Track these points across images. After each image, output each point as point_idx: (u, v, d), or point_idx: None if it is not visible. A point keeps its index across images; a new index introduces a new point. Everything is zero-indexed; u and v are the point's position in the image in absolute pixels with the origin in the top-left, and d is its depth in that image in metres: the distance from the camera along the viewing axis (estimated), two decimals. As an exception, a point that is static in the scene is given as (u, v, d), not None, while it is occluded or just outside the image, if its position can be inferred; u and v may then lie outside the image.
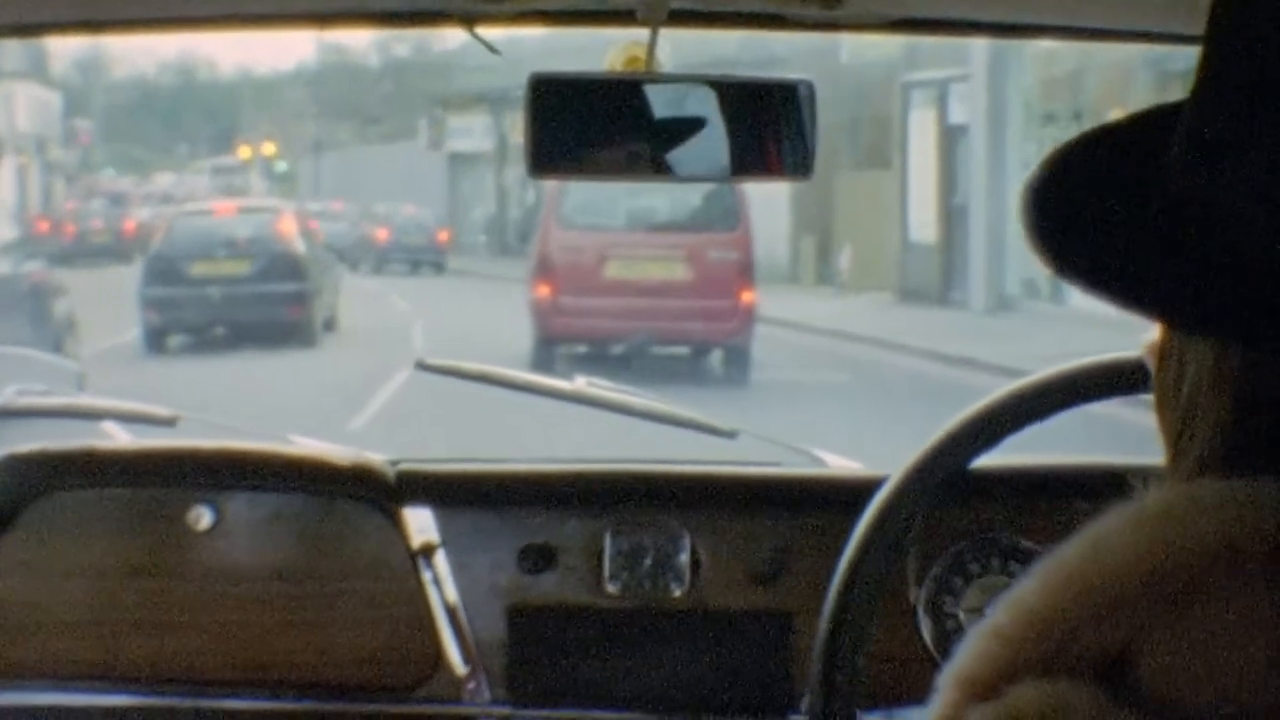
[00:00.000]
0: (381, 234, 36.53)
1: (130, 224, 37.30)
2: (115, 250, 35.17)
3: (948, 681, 0.94)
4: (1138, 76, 21.12)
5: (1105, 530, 0.92)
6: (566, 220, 18.00)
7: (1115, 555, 0.91)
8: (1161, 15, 2.01)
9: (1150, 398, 1.07)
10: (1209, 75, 0.94)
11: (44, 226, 36.79)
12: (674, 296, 17.35)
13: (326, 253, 24.58)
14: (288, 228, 22.16)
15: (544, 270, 17.76)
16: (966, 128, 24.61)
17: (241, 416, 3.05)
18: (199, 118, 65.77)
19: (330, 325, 21.94)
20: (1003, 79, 23.51)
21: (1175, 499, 0.92)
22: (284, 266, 20.89)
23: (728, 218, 17.96)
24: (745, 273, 17.76)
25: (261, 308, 20.33)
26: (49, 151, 48.92)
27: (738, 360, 17.22)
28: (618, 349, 16.91)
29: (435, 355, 3.15)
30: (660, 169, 2.08)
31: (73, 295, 18.22)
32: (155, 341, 19.84)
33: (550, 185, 18.24)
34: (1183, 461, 0.98)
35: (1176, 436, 0.98)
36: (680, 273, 17.63)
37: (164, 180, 57.48)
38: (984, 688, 0.92)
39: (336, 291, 23.01)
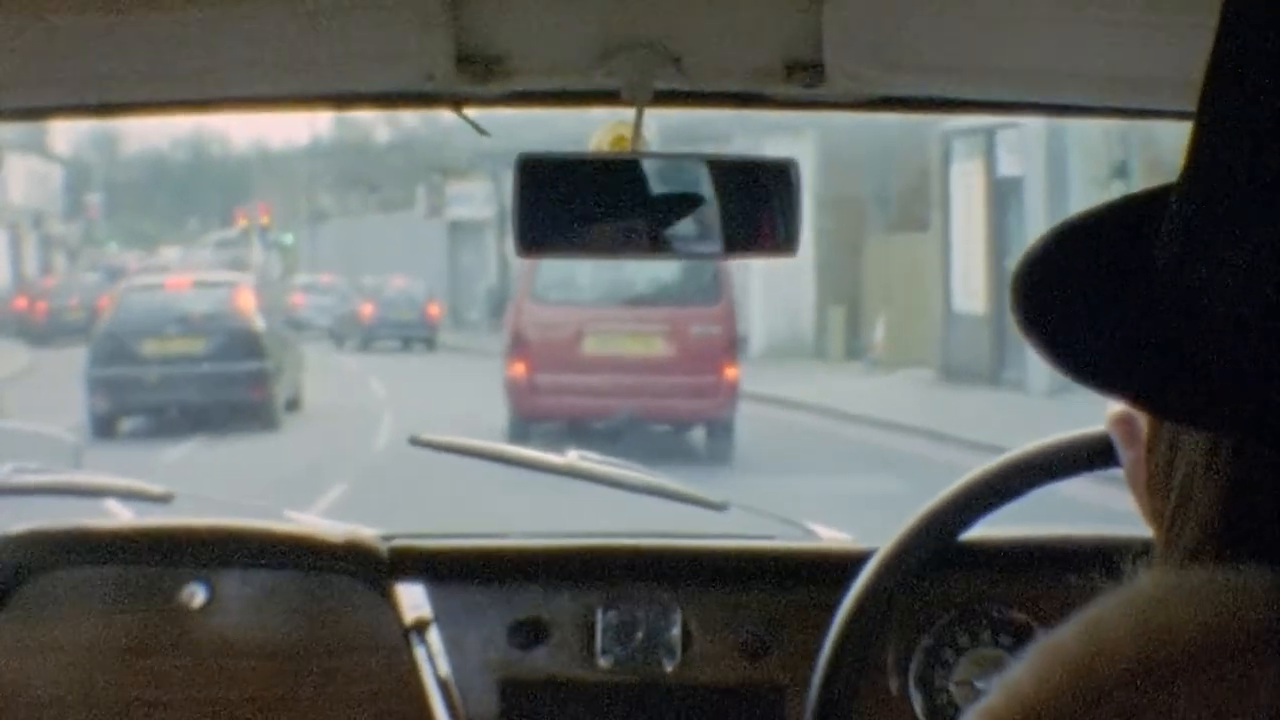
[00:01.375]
0: (367, 309, 34.90)
1: (104, 301, 34.67)
2: (88, 329, 33.13)
3: None
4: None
5: (1099, 615, 0.93)
6: (540, 295, 17.58)
7: (1106, 641, 0.91)
8: (1149, 94, 2.03)
9: (1118, 473, 1.08)
10: (1199, 159, 0.94)
11: (21, 304, 35.50)
12: (655, 373, 16.96)
13: (288, 329, 23.61)
14: (245, 303, 20.89)
15: (518, 347, 17.32)
16: (1019, 181, 22.09)
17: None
18: (210, 192, 65.79)
19: (294, 405, 20.94)
20: (1062, 125, 20.11)
21: (1167, 586, 0.93)
22: (241, 344, 19.87)
23: (709, 291, 17.53)
24: (729, 348, 17.38)
25: (218, 388, 19.33)
26: (48, 225, 48.88)
27: (721, 437, 16.78)
28: (598, 427, 16.38)
29: (401, 440, 3.15)
30: (649, 246, 2.10)
31: (15, 379, 17.54)
32: (102, 427, 18.51)
33: (514, 259, 17.96)
34: (1175, 548, 0.98)
35: (1170, 523, 0.99)
36: (661, 348, 17.26)
37: (170, 254, 57.45)
38: None
39: (299, 369, 22.01)
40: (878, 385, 22.57)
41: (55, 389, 19.28)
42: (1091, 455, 2.02)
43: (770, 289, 27.79)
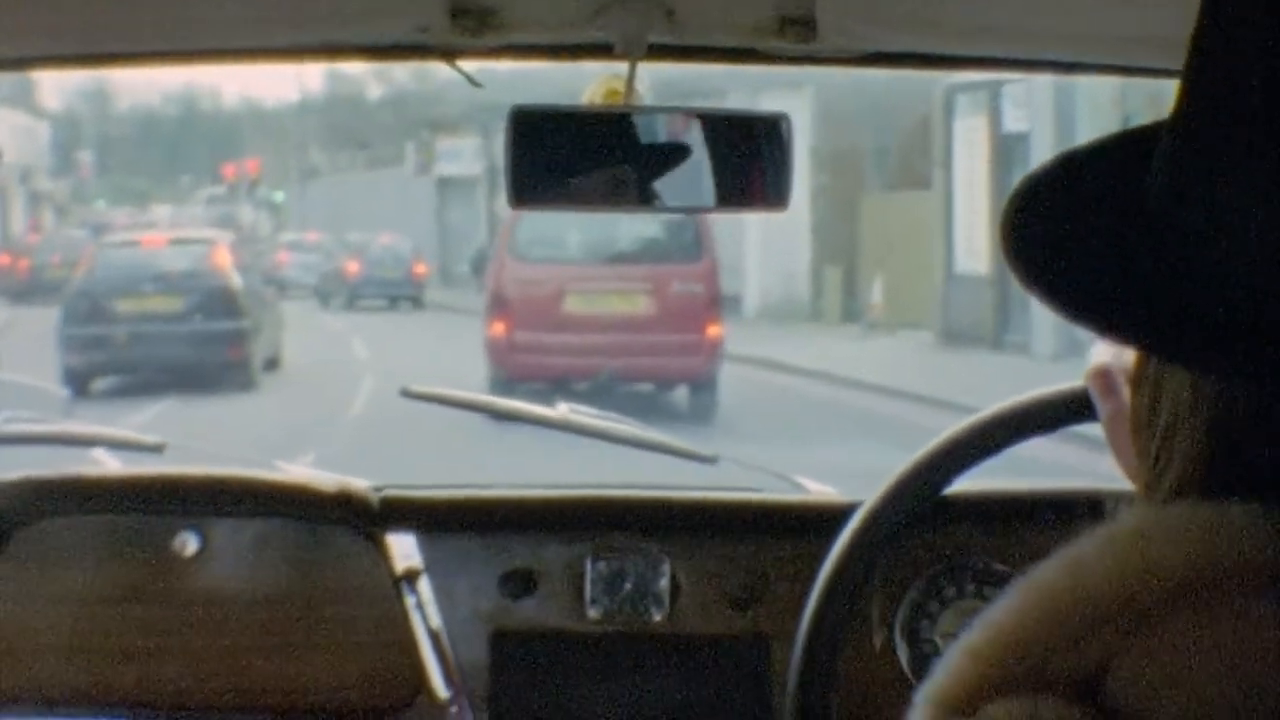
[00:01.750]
0: (352, 267, 34.17)
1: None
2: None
3: (923, 699, 0.96)
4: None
5: (1080, 553, 0.93)
6: (521, 253, 17.21)
7: (1090, 577, 0.92)
8: (1142, 51, 2.05)
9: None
10: (1190, 99, 0.94)
11: (4, 261, 34.89)
12: (637, 331, 16.63)
13: (268, 287, 23.04)
14: (222, 260, 20.36)
15: (498, 306, 16.97)
16: (1026, 136, 21.15)
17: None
18: (201, 148, 65.56)
19: (273, 365, 20.53)
20: (1070, 79, 16.95)
21: (1149, 523, 0.94)
22: (218, 302, 19.34)
23: (691, 248, 17.23)
24: (711, 305, 17.09)
25: (194, 348, 18.93)
26: (36, 181, 48.60)
27: (704, 396, 16.54)
28: (580, 387, 15.91)
29: (380, 404, 3.16)
30: (642, 199, 2.11)
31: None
32: (76, 385, 17.43)
33: (504, 216, 17.71)
34: (1159, 485, 0.99)
35: (1153, 460, 1.00)
36: (643, 306, 16.96)
37: (161, 212, 57.23)
38: (959, 706, 0.93)
39: (279, 328, 21.56)
40: (875, 348, 21.81)
41: (32, 347, 18.83)
42: (1072, 409, 2.03)
43: (765, 248, 27.12)
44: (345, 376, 19.50)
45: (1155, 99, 18.25)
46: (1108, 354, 1.77)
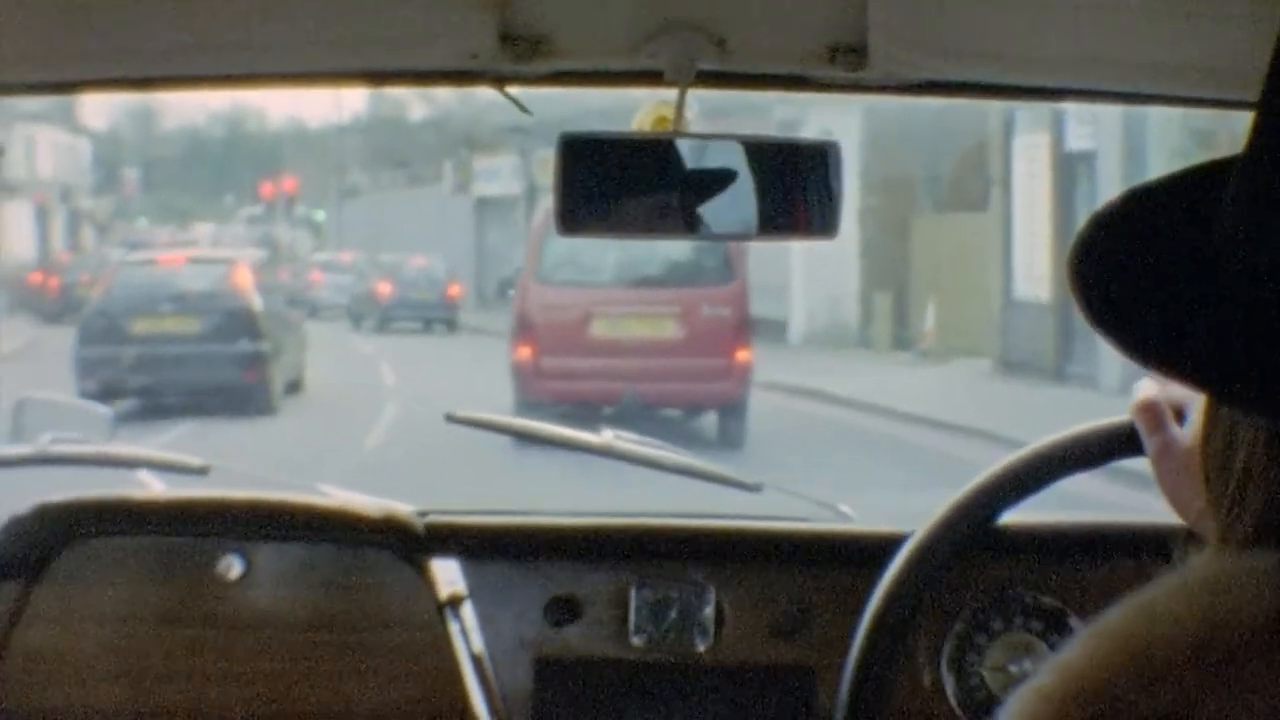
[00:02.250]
0: (384, 288, 33.32)
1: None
2: (96, 306, 32.52)
3: None
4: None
5: (1154, 598, 0.93)
6: (546, 276, 16.97)
7: (1165, 623, 0.91)
8: (1197, 80, 2.03)
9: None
10: (1263, 137, 0.93)
11: (37, 279, 34.55)
12: (664, 356, 16.34)
13: (292, 308, 22.61)
14: (242, 280, 19.85)
15: (524, 330, 16.74)
16: (1092, 155, 20.22)
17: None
18: (246, 168, 65.60)
19: (295, 387, 20.07)
20: None
21: (1227, 571, 0.93)
22: (237, 324, 18.89)
23: (720, 271, 16.89)
24: (741, 329, 16.76)
25: (212, 370, 18.44)
26: (76, 199, 48.75)
27: (733, 422, 16.17)
28: (605, 412, 15.49)
29: (401, 432, 3.15)
30: (689, 226, 2.10)
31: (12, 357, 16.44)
32: None
33: (530, 238, 17.31)
34: (1234, 531, 0.98)
35: (1229, 505, 0.99)
36: (670, 330, 16.69)
37: (203, 230, 57.40)
38: None
39: (302, 350, 21.12)
40: (928, 378, 20.75)
41: (51, 368, 18.36)
42: (1121, 443, 2.02)
43: (811, 272, 26.35)
44: (368, 402, 19.10)
45: (1227, 115, 17.67)
46: (1154, 388, 1.76)
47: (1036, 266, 21.37)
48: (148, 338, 18.55)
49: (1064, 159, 21.13)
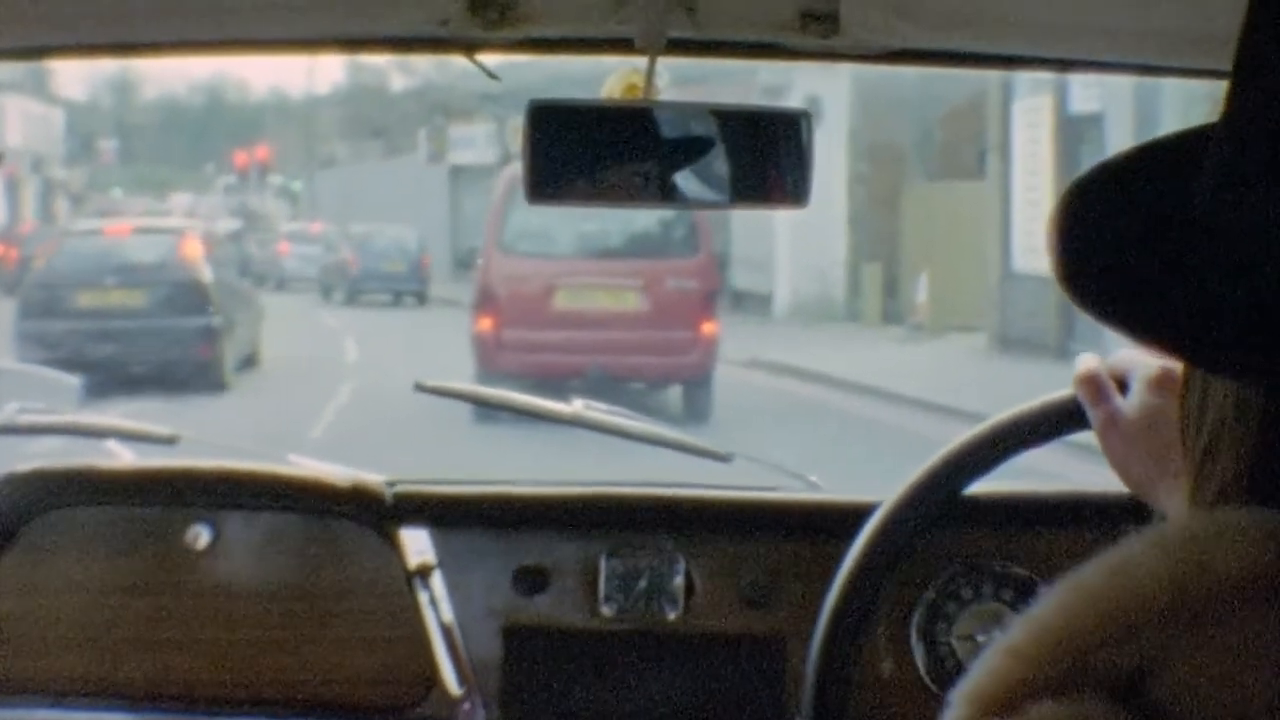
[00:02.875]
0: (352, 260, 32.16)
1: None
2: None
3: (960, 698, 0.95)
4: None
5: (1127, 554, 0.93)
6: (509, 246, 16.49)
7: (1137, 579, 0.91)
8: (1174, 47, 2.03)
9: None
10: (1238, 102, 0.93)
11: (0, 250, 33.28)
12: (629, 328, 15.96)
13: (244, 281, 21.50)
14: (192, 251, 18.81)
15: (485, 301, 16.29)
16: (1099, 117, 18.99)
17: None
18: (226, 138, 65.41)
19: (250, 363, 19.26)
20: None
21: (1199, 526, 0.93)
22: (187, 297, 17.91)
23: (686, 243, 16.51)
24: (707, 302, 16.36)
25: (159, 345, 17.53)
26: (49, 169, 48.43)
27: (698, 395, 15.82)
28: (569, 385, 14.74)
29: (354, 409, 3.12)
30: (660, 195, 2.10)
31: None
32: None
33: (492, 208, 16.93)
34: (1205, 488, 0.99)
35: (1199, 464, 1.00)
36: (635, 302, 16.23)
37: (180, 200, 57.13)
38: (998, 705, 0.92)
39: (258, 324, 20.21)
40: (920, 355, 19.82)
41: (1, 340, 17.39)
42: (1080, 415, 2.02)
43: (797, 243, 25.35)
44: (325, 378, 18.18)
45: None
46: (1094, 360, 1.76)
47: (1037, 238, 18.35)
48: (91, 311, 17.66)
49: (1068, 122, 19.98)
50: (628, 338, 15.92)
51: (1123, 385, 1.72)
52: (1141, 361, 1.69)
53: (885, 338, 21.85)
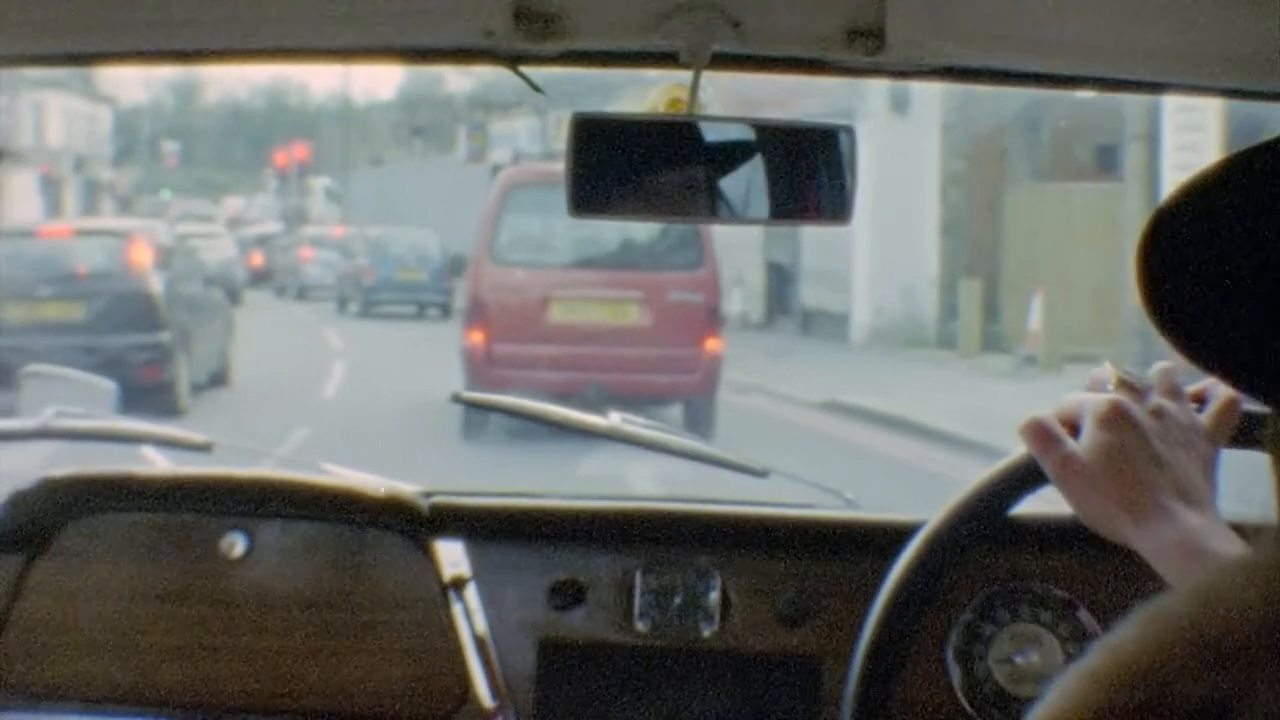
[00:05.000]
0: (366, 268, 29.90)
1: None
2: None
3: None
4: None
5: (1215, 582, 0.91)
6: (501, 256, 15.66)
7: (1225, 607, 0.89)
8: (1219, 71, 2.01)
9: None
10: None
11: None
12: (627, 344, 15.15)
13: (211, 289, 19.29)
14: (139, 258, 16.62)
15: (476, 314, 15.54)
16: None
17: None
18: (285, 142, 65.64)
19: (218, 381, 17.63)
20: None
21: None
22: (132, 311, 15.84)
23: (690, 254, 15.62)
24: (710, 317, 15.53)
25: (99, 367, 13.91)
26: (93, 169, 48.26)
27: (700, 416, 14.93)
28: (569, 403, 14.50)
29: (320, 439, 3.07)
30: (702, 210, 2.10)
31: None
32: None
33: (484, 214, 16.10)
34: None
35: None
36: (635, 317, 15.45)
37: (233, 204, 57.25)
38: None
39: (227, 338, 18.50)
40: (1039, 395, 13.50)
41: None
42: None
43: (880, 255, 22.69)
44: (295, 411, 16.14)
45: None
46: (1039, 413, 1.71)
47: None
48: (23, 327, 15.49)
49: (1242, 106, 18.32)
50: (627, 354, 15.18)
51: (1074, 428, 1.69)
52: (1091, 400, 1.66)
53: (989, 371, 18.77)
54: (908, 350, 21.27)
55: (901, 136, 21.37)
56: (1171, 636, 0.89)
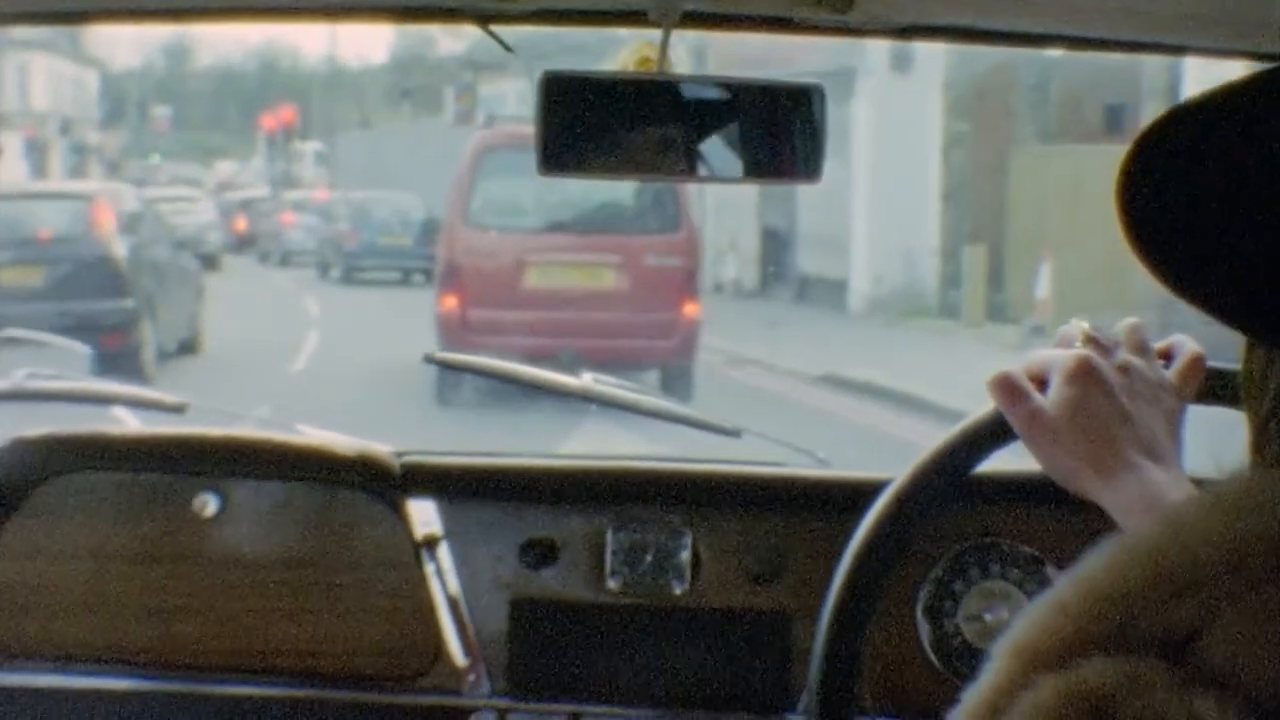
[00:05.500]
0: (348, 233, 28.87)
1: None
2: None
3: (1004, 651, 0.93)
4: None
5: (1182, 512, 0.92)
6: (475, 219, 15.26)
7: (1193, 538, 0.90)
8: (1183, 29, 2.02)
9: None
10: None
11: None
12: (604, 309, 14.83)
13: (180, 253, 18.51)
14: (103, 222, 15.95)
15: (450, 279, 15.14)
16: None
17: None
18: (278, 106, 65.34)
19: (187, 349, 17.14)
20: None
21: (1258, 485, 0.92)
22: (95, 276, 15.23)
23: (668, 217, 15.21)
24: (688, 281, 15.17)
25: (61, 335, 11.62)
26: (80, 133, 47.96)
27: (677, 383, 14.57)
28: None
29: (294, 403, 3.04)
30: (673, 168, 2.10)
31: None
32: None
33: (457, 177, 15.78)
34: (1268, 449, 0.98)
35: (1262, 424, 0.99)
36: (611, 281, 15.06)
37: (225, 167, 56.99)
38: (1048, 659, 0.91)
39: (196, 303, 17.97)
40: None
41: None
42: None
43: (880, 219, 21.82)
44: (261, 385, 14.96)
45: None
46: (1006, 368, 1.71)
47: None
48: None
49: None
50: (603, 319, 14.82)
51: (1042, 383, 1.69)
52: (1059, 355, 1.66)
53: (995, 341, 17.72)
54: (909, 320, 20.54)
55: (902, 95, 20.89)
56: (1139, 567, 0.91)
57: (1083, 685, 0.88)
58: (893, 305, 21.37)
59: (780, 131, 2.09)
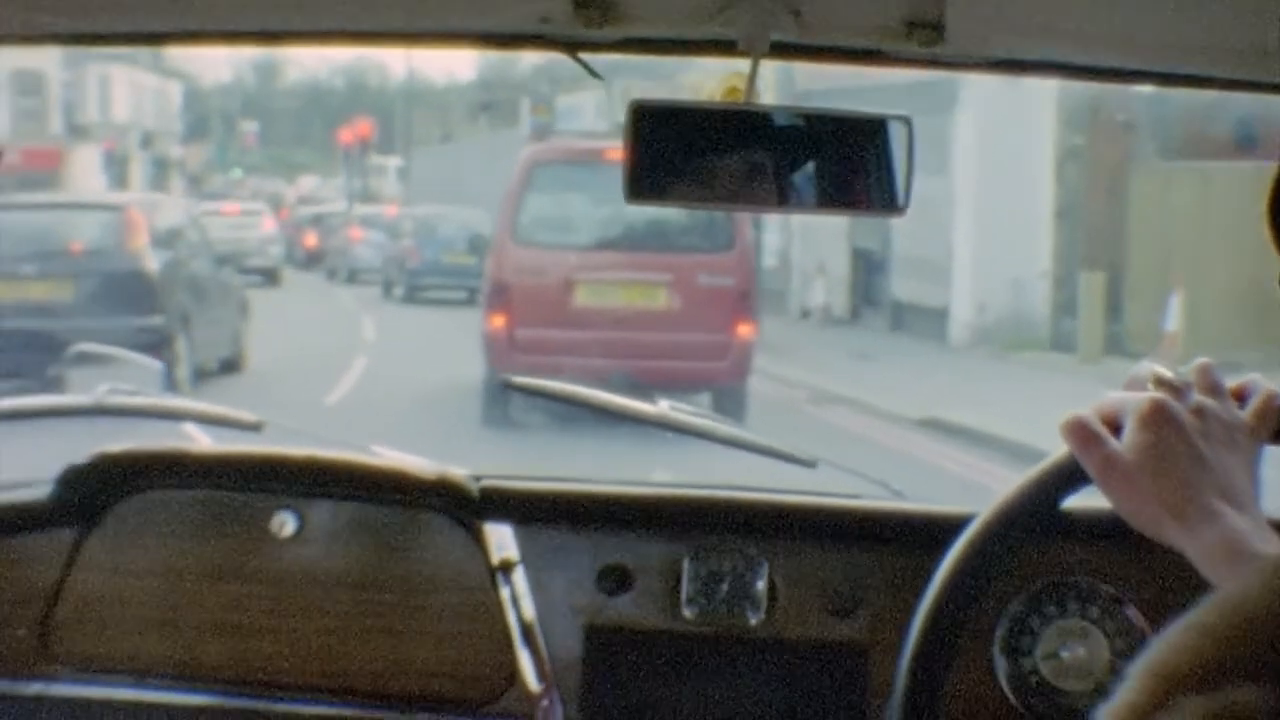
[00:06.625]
0: (411, 251, 28.09)
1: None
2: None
3: (1142, 671, 0.91)
4: None
5: None
6: (524, 237, 14.95)
7: None
8: (1264, 65, 1.99)
9: None
10: None
11: None
12: (656, 329, 14.54)
13: (220, 268, 17.90)
14: (136, 234, 15.31)
15: (498, 297, 14.85)
16: None
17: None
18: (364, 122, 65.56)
19: (230, 368, 16.62)
20: None
21: None
22: (127, 291, 14.62)
23: (721, 236, 14.89)
24: (741, 301, 14.79)
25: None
26: (161, 146, 48.02)
27: (730, 406, 13.99)
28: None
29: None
30: (756, 199, 2.10)
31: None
32: None
33: (506, 193, 15.48)
34: None
35: None
36: (663, 301, 14.79)
37: (307, 182, 57.23)
38: (1192, 683, 0.89)
39: (241, 320, 17.41)
40: None
41: None
42: None
43: (983, 243, 20.37)
44: (295, 410, 14.11)
45: None
46: (1079, 411, 1.69)
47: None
48: (6, 307, 14.48)
49: None
50: (654, 339, 14.52)
51: (1115, 427, 1.66)
52: (1131, 399, 1.63)
53: (1110, 378, 14.97)
54: (1017, 353, 19.14)
55: (1011, 105, 19.20)
56: None
57: (1230, 710, 0.86)
58: (999, 336, 20.12)
59: (867, 163, 2.08)
